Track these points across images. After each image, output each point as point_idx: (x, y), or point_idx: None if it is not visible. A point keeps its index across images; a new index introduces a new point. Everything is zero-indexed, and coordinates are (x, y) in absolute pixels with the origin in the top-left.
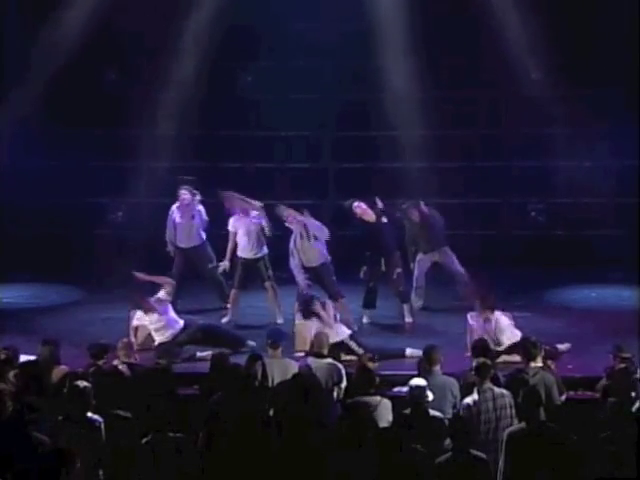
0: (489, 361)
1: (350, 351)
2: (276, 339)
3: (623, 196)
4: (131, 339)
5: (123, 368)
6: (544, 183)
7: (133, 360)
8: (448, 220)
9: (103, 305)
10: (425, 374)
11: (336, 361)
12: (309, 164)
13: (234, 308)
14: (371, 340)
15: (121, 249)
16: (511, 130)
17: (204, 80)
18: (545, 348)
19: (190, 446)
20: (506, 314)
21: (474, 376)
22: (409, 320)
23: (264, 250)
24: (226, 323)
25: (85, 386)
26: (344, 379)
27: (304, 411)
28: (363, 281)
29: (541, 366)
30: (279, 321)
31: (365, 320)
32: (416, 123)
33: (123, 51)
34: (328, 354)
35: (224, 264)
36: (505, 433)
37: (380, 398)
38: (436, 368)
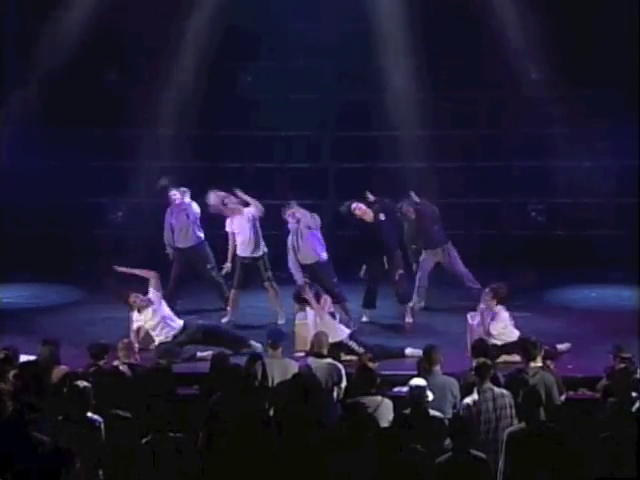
0: (489, 361)
1: (350, 351)
2: (276, 339)
3: (623, 196)
4: (132, 340)
5: (124, 369)
6: (544, 183)
7: (134, 360)
8: (448, 220)
9: (103, 305)
10: (425, 374)
11: (336, 361)
12: (309, 164)
13: (234, 308)
14: (371, 340)
15: (121, 249)
16: (511, 130)
17: (204, 80)
18: (544, 348)
19: (190, 446)
20: (511, 314)
21: (474, 376)
22: (409, 320)
23: (262, 249)
24: (226, 323)
25: (85, 386)
26: (344, 379)
27: (304, 411)
28: (363, 280)
29: (541, 366)
30: (280, 321)
31: (365, 320)
32: (416, 123)
33: (123, 51)
34: (328, 354)
35: (226, 266)
36: (505, 433)
37: (381, 398)
38: (436, 368)
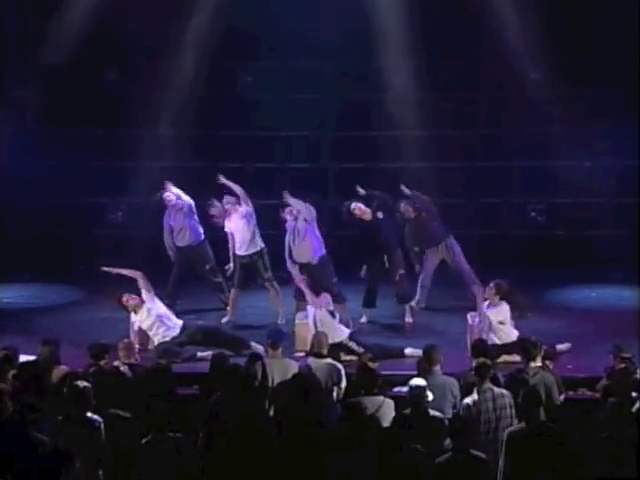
0: (489, 361)
1: (350, 351)
2: (276, 339)
3: (623, 196)
4: (132, 340)
5: (124, 369)
6: (544, 183)
7: (134, 360)
8: (448, 220)
9: (103, 305)
10: (425, 374)
11: (336, 361)
12: (309, 164)
13: (234, 308)
14: (371, 340)
15: (121, 249)
16: (511, 130)
17: (204, 80)
18: (543, 348)
19: (190, 446)
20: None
21: (474, 376)
22: (409, 320)
23: (259, 245)
24: (226, 323)
25: (85, 386)
26: (343, 379)
27: (304, 411)
28: (364, 280)
29: (541, 366)
30: (280, 321)
31: (364, 319)
32: (416, 123)
33: (123, 51)
34: (328, 354)
35: (229, 266)
36: (505, 433)
37: (383, 398)
38: (436, 368)
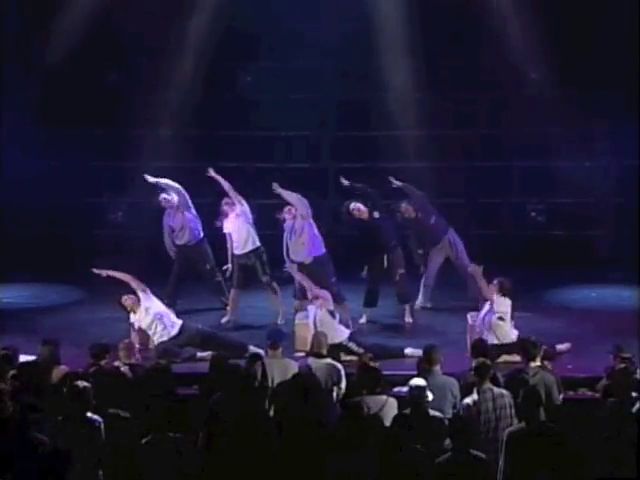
0: (489, 361)
1: (350, 352)
2: (276, 339)
3: (623, 196)
4: (133, 340)
5: (125, 369)
6: (544, 183)
7: (134, 360)
8: (448, 220)
9: (103, 305)
10: (425, 374)
11: (336, 361)
12: (309, 164)
13: (234, 308)
14: (371, 340)
15: (121, 249)
16: (511, 130)
17: (204, 80)
18: (543, 348)
19: (190, 446)
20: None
21: (474, 376)
22: (409, 320)
23: (255, 243)
24: (225, 323)
25: (85, 386)
26: (343, 379)
27: (304, 411)
28: (364, 280)
29: (540, 366)
30: (280, 321)
31: (364, 319)
32: (416, 123)
33: (123, 51)
34: (328, 354)
35: (228, 267)
36: (505, 433)
37: (386, 397)
38: (436, 368)
